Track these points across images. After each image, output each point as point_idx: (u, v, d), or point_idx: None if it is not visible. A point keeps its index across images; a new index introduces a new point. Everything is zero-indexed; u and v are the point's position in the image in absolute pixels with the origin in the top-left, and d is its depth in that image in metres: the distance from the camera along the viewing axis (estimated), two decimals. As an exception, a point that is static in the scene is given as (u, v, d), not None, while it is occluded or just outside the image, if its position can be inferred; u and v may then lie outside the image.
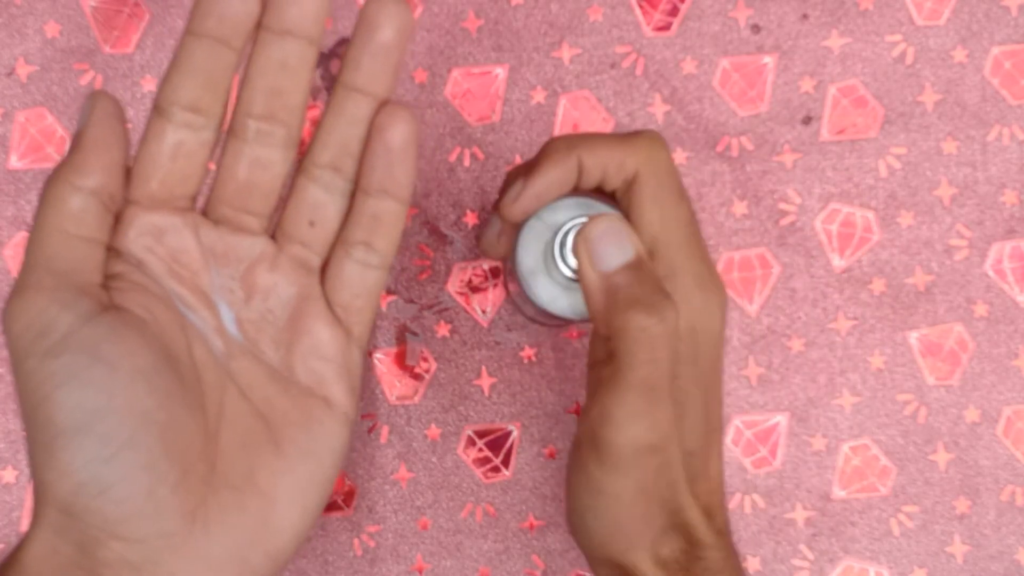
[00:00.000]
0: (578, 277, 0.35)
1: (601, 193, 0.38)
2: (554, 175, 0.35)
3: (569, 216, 0.37)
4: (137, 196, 0.32)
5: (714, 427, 0.37)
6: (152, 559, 0.29)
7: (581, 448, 0.34)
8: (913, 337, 0.48)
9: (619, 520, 0.34)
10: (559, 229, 0.36)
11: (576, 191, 0.38)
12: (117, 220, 0.32)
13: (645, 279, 0.33)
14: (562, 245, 0.36)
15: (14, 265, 0.48)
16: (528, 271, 0.38)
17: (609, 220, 0.34)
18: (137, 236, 0.32)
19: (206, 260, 0.32)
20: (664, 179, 0.35)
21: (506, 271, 0.44)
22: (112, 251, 0.31)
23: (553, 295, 0.38)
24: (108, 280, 0.31)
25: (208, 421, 0.31)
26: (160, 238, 0.32)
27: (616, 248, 0.34)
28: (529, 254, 0.38)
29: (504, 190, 0.37)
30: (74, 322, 0.29)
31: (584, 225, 0.35)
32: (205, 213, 0.33)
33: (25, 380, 0.28)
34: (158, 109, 0.31)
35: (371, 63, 0.32)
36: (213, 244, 0.33)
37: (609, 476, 0.34)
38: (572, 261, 0.36)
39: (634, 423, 0.33)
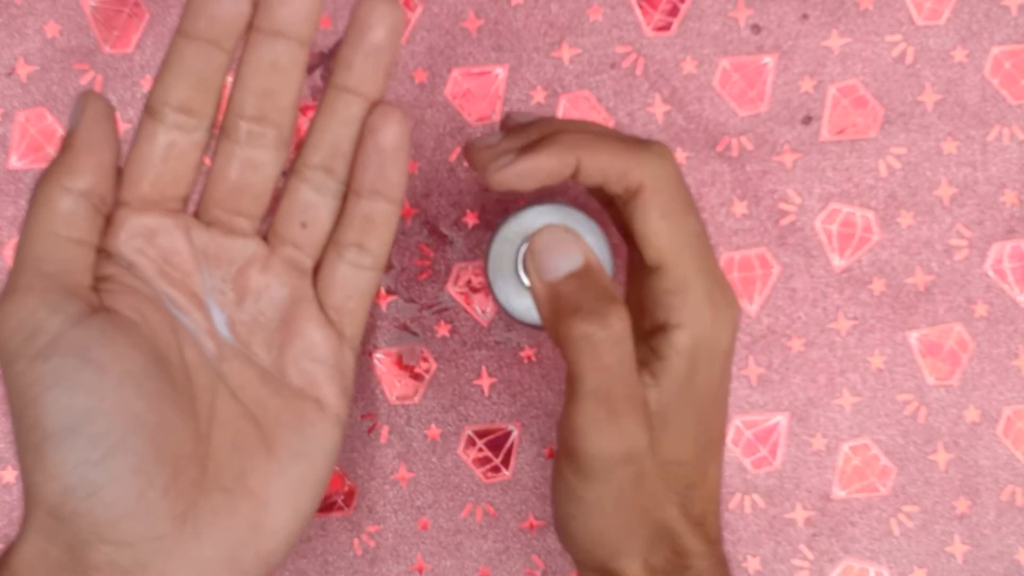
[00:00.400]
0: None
1: (600, 195, 0.38)
2: (546, 165, 0.35)
3: (531, 230, 0.38)
4: (128, 198, 0.32)
5: (714, 438, 0.36)
6: (142, 562, 0.29)
7: (560, 457, 0.35)
8: (913, 337, 0.48)
9: (601, 528, 0.34)
10: (523, 243, 0.37)
11: (558, 196, 0.38)
12: (108, 222, 0.32)
13: (590, 286, 0.33)
14: (524, 258, 0.37)
15: (14, 265, 0.48)
16: (502, 284, 0.39)
17: (554, 231, 0.34)
18: (128, 238, 0.32)
19: (198, 262, 0.32)
20: (673, 193, 0.35)
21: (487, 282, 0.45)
22: (103, 253, 0.31)
23: (528, 306, 0.39)
24: (98, 282, 0.31)
25: (199, 423, 0.31)
26: (151, 240, 0.32)
27: (562, 257, 0.33)
28: (503, 268, 0.38)
29: (503, 122, 0.36)
30: (63, 324, 0.28)
31: (531, 236, 0.34)
32: (197, 214, 0.33)
33: (14, 382, 0.28)
34: (149, 110, 0.31)
35: (363, 63, 0.32)
36: (205, 246, 0.33)
37: (585, 485, 0.34)
38: None
39: (599, 432, 0.33)
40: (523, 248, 0.37)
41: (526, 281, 0.37)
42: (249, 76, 0.32)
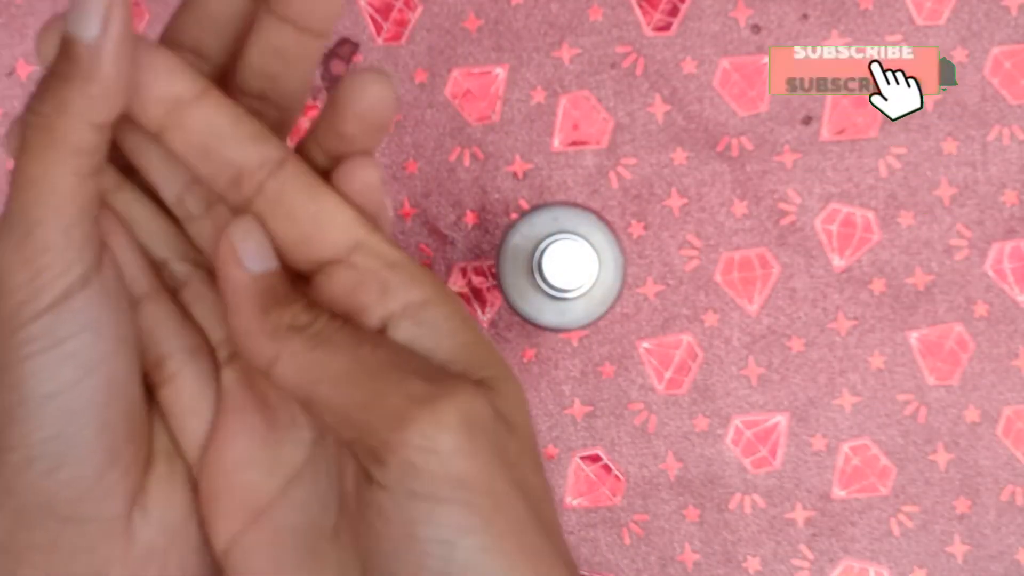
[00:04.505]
0: (222, 281, 0.25)
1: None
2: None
3: (547, 231, 0.38)
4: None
5: None
6: (89, 544, 0.26)
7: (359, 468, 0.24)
8: (913, 337, 0.48)
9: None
10: (538, 244, 0.37)
11: (558, 201, 0.38)
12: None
13: (288, 288, 0.25)
14: (540, 260, 0.37)
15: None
16: (512, 285, 0.39)
17: (251, 225, 0.25)
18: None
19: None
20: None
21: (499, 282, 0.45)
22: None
23: (538, 307, 0.39)
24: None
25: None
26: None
27: (266, 251, 0.25)
28: (512, 268, 0.39)
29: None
30: (74, 284, 0.24)
31: (232, 225, 0.25)
32: None
33: None
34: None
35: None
36: None
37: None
38: (550, 275, 0.37)
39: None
40: (538, 249, 0.37)
41: (544, 288, 0.38)
42: (256, 55, 0.28)
